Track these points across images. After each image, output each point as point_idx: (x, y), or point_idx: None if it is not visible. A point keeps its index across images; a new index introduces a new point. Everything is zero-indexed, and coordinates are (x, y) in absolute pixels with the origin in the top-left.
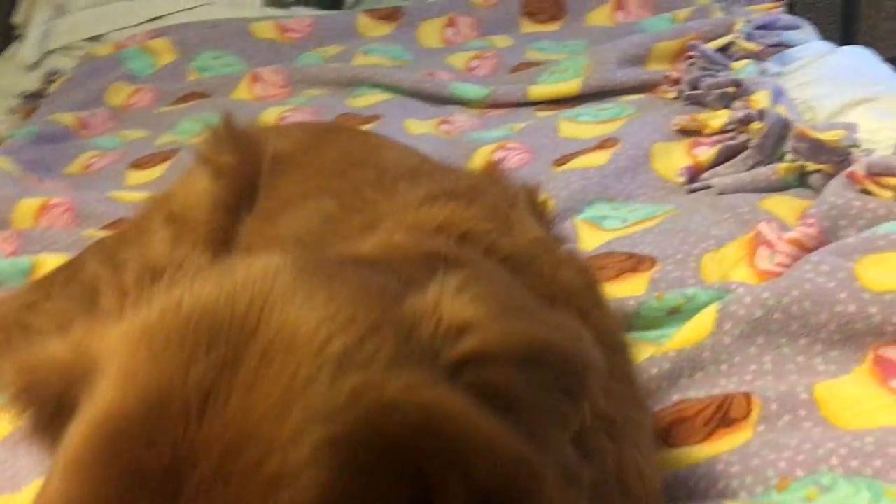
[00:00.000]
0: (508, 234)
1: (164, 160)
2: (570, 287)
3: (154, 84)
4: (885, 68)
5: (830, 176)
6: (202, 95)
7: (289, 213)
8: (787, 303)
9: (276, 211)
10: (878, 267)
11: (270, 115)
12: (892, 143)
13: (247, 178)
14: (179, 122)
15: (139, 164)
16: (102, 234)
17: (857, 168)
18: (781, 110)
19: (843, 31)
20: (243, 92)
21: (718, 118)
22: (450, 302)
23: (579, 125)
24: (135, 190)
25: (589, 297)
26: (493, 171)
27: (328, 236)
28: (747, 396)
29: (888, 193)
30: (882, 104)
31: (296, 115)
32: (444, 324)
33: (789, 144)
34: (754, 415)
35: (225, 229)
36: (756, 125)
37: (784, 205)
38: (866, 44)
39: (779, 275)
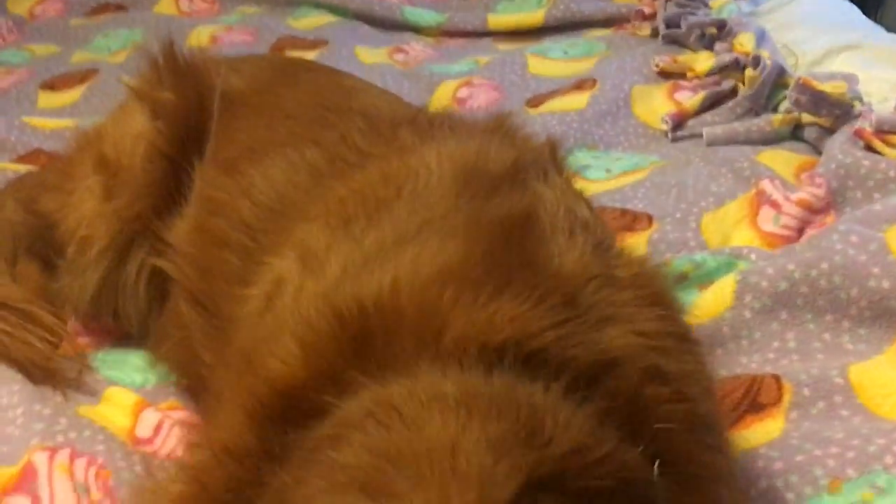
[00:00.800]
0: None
1: (81, 81)
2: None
3: None
4: (857, 12)
5: (827, 130)
6: (119, 8)
7: (262, 163)
8: (815, 276)
9: (241, 160)
10: None
11: (201, 35)
12: (886, 97)
13: (190, 119)
14: (95, 37)
15: (52, 85)
16: (17, 167)
17: (865, 124)
18: (765, 55)
19: None
20: (167, 6)
21: (703, 62)
22: None
23: (549, 62)
24: (51, 116)
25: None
26: (502, 122)
27: (321, 194)
28: (777, 379)
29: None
30: (865, 52)
31: (230, 35)
32: None
33: (783, 94)
34: (785, 401)
35: (164, 181)
36: (750, 72)
37: (779, 159)
38: None
39: (785, 238)
